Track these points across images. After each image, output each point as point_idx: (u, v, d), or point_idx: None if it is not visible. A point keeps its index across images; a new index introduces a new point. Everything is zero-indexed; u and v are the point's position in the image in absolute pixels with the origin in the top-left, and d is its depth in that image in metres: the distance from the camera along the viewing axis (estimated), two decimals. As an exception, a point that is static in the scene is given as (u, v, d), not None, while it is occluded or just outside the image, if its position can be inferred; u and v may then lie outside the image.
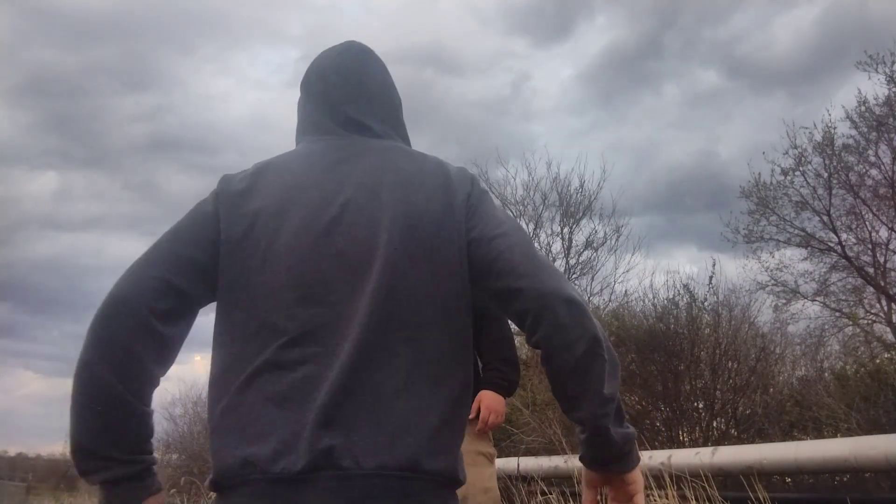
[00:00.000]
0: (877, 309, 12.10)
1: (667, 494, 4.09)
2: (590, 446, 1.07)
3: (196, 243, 1.09)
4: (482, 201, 1.15)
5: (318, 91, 1.28)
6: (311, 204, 1.10)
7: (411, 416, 0.99)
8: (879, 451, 3.89)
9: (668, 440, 7.02)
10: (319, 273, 1.05)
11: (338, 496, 0.92)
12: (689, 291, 7.92)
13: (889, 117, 10.88)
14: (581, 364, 1.01)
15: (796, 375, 8.54)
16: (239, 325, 1.06)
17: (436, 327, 1.06)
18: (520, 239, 1.09)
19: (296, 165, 1.18)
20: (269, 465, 0.94)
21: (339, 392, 0.97)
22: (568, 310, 1.01)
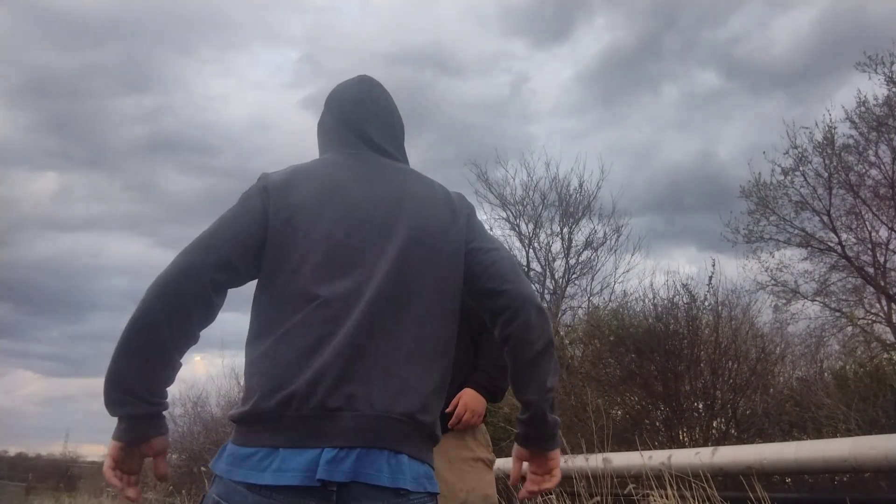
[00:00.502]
0: (877, 309, 12.11)
1: (667, 494, 4.09)
2: (529, 426, 1.37)
3: (249, 228, 1.32)
4: (477, 223, 1.47)
5: (342, 111, 1.54)
6: (345, 203, 1.36)
7: (414, 379, 1.26)
8: (879, 451, 3.89)
9: (668, 440, 7.02)
10: (348, 256, 1.31)
11: (353, 429, 1.17)
12: (688, 291, 7.92)
13: (889, 117, 10.88)
14: (537, 358, 1.32)
15: (796, 376, 8.54)
16: (279, 293, 1.29)
17: (437, 313, 1.33)
18: (508, 255, 1.44)
19: (330, 170, 1.44)
20: (301, 404, 1.18)
21: (354, 350, 1.22)
22: (538, 314, 1.32)
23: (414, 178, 1.47)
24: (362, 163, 1.45)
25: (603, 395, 7.45)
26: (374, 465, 1.17)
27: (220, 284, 1.28)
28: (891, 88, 10.78)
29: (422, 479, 1.24)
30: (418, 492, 1.22)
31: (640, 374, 7.60)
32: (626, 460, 5.28)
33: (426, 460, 1.28)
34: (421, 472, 1.24)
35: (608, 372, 8.20)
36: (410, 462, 1.22)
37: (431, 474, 1.29)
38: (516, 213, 15.90)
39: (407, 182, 1.45)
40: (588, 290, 15.29)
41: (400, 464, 1.20)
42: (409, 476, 1.20)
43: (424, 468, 1.26)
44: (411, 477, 1.21)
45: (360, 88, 1.56)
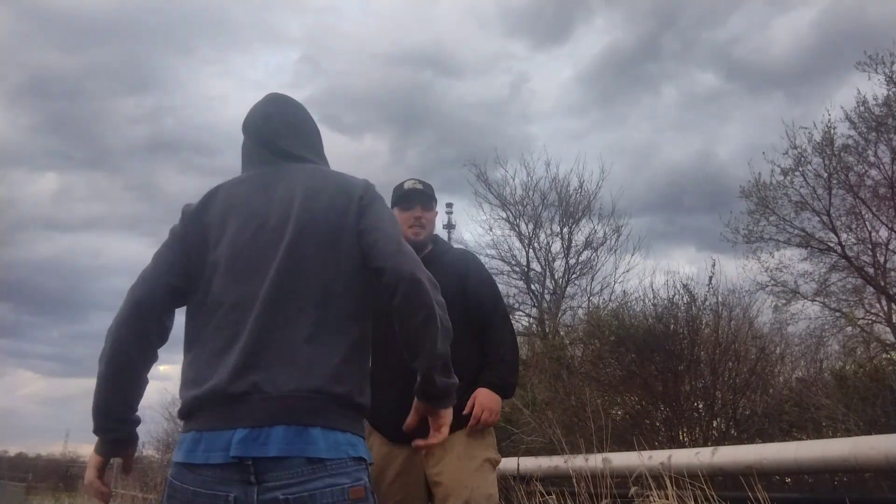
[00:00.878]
0: (877, 309, 12.11)
1: (666, 495, 4.09)
2: (420, 386, 1.46)
3: (178, 254, 1.55)
4: (372, 204, 1.56)
5: (254, 130, 1.69)
6: (245, 212, 1.54)
7: (319, 358, 1.39)
8: (879, 451, 3.89)
9: (667, 440, 7.02)
10: (249, 261, 1.48)
11: (262, 410, 1.33)
12: (688, 291, 7.92)
13: (888, 117, 10.88)
14: (421, 329, 1.41)
15: (796, 376, 8.54)
16: (197, 305, 1.51)
17: (339, 293, 1.46)
18: (390, 233, 1.51)
19: (236, 189, 1.61)
20: (214, 395, 1.36)
21: (255, 344, 1.39)
22: (415, 287, 1.42)
23: (310, 174, 1.60)
24: (267, 173, 1.61)
25: (603, 395, 7.45)
26: (284, 439, 1.30)
27: (168, 308, 1.53)
28: (890, 88, 10.79)
29: (342, 446, 1.35)
30: (337, 458, 1.33)
31: (640, 375, 7.59)
32: (625, 460, 5.28)
33: (347, 429, 1.38)
34: (340, 440, 1.36)
35: (608, 372, 8.20)
36: (324, 432, 1.34)
37: (356, 441, 1.40)
38: (516, 213, 15.91)
39: (303, 179, 1.58)
40: (588, 291, 15.31)
41: (310, 435, 1.32)
42: (323, 445, 1.32)
43: (345, 436, 1.37)
44: (326, 446, 1.33)
45: (267, 107, 1.72)
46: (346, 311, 1.47)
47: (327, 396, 1.36)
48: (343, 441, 1.36)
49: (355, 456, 1.37)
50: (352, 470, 1.35)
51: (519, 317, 15.79)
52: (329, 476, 1.31)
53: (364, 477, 1.38)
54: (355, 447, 1.38)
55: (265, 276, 1.45)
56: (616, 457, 5.30)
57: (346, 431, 1.38)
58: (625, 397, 7.91)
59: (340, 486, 1.32)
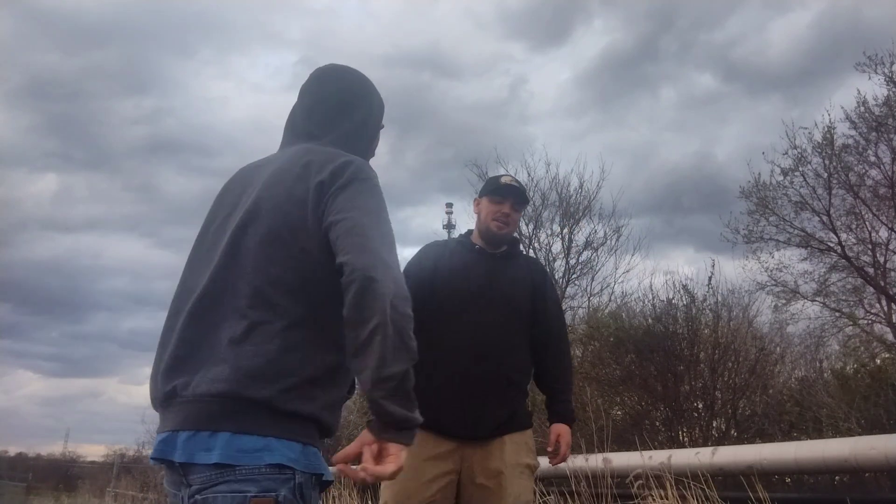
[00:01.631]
0: (877, 309, 12.11)
1: (666, 495, 4.09)
2: (371, 410, 1.21)
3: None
4: (346, 188, 1.33)
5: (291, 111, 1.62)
6: (219, 204, 1.48)
7: (244, 360, 1.26)
8: (879, 451, 3.88)
9: (667, 440, 7.02)
10: (204, 251, 1.42)
11: (179, 413, 1.28)
12: (688, 292, 7.92)
13: (888, 117, 10.88)
14: (366, 341, 1.17)
15: (796, 376, 8.54)
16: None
17: (284, 293, 1.30)
18: (361, 221, 1.28)
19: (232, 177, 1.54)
20: (153, 396, 1.36)
21: (181, 345, 1.32)
22: (369, 288, 1.18)
23: (292, 155, 1.43)
24: (262, 159, 1.53)
25: (603, 396, 7.44)
26: (195, 444, 1.24)
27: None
28: (890, 88, 10.78)
29: (255, 452, 1.23)
30: (248, 465, 1.22)
31: (640, 375, 7.60)
32: (625, 460, 5.28)
33: (261, 433, 1.24)
34: (249, 446, 1.23)
35: (608, 372, 8.20)
36: (233, 438, 1.22)
37: (272, 445, 1.24)
38: (516, 213, 15.87)
39: (279, 161, 1.43)
40: (588, 291, 15.30)
41: (218, 441, 1.23)
42: (233, 451, 1.22)
43: (256, 440, 1.23)
44: (235, 451, 1.22)
45: (306, 84, 1.61)
46: (294, 314, 1.29)
47: (241, 401, 1.24)
48: (253, 446, 1.23)
49: (272, 463, 1.23)
50: (263, 478, 1.22)
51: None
52: (235, 482, 1.21)
53: (280, 488, 1.22)
54: (272, 453, 1.23)
55: (208, 269, 1.36)
56: (616, 457, 5.30)
57: (266, 437, 1.24)
58: (624, 397, 7.91)
59: (243, 493, 1.20)
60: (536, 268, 2.73)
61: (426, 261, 2.57)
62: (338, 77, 1.61)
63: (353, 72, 1.63)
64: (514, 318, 2.45)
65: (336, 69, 1.63)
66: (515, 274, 2.56)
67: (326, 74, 1.61)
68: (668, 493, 4.05)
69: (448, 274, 2.49)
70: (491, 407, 2.33)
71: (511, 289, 2.50)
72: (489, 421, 2.33)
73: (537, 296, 2.56)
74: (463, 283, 2.46)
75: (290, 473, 1.25)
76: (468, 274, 2.49)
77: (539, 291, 2.58)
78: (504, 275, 2.53)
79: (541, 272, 2.70)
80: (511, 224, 2.58)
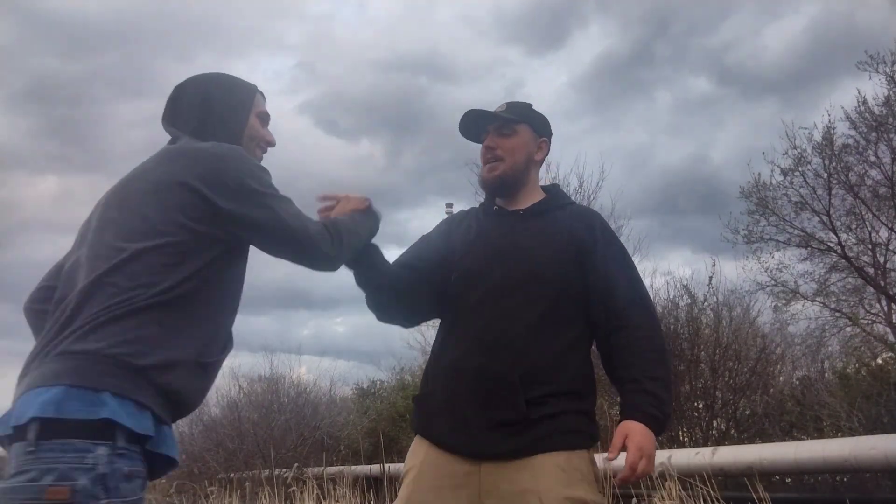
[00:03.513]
0: (877, 309, 12.10)
1: (670, 494, 4.08)
2: None
3: None
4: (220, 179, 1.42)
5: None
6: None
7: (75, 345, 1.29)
8: (879, 451, 3.88)
9: (668, 440, 7.02)
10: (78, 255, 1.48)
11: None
12: (689, 292, 7.93)
13: (889, 117, 10.87)
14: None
15: (797, 375, 8.53)
16: None
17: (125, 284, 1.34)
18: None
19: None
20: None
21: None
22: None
23: (156, 158, 1.54)
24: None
25: (603, 395, 7.44)
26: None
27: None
28: (891, 88, 10.78)
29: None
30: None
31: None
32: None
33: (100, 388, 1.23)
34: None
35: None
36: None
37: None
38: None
39: (142, 166, 1.53)
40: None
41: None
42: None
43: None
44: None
45: (171, 92, 1.67)
46: (128, 299, 1.33)
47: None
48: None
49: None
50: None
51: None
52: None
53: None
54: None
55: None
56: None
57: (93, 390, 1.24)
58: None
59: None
60: (580, 218, 1.87)
61: (435, 234, 1.98)
62: (190, 86, 1.67)
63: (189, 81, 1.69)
64: (540, 296, 1.73)
65: (186, 82, 1.68)
66: (546, 234, 1.81)
67: (185, 84, 1.68)
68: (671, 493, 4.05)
69: (461, 247, 1.87)
70: (504, 416, 1.65)
71: (535, 256, 1.77)
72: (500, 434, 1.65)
73: (582, 257, 1.77)
74: (471, 256, 1.83)
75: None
76: (480, 244, 1.85)
77: (584, 250, 1.78)
78: (528, 238, 1.81)
79: (586, 221, 1.86)
80: (506, 158, 1.86)
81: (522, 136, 1.89)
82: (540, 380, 1.67)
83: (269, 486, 7.53)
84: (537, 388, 1.67)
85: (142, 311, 1.31)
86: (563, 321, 1.74)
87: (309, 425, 11.78)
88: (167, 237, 1.37)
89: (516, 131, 1.88)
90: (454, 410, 1.69)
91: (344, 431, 12.10)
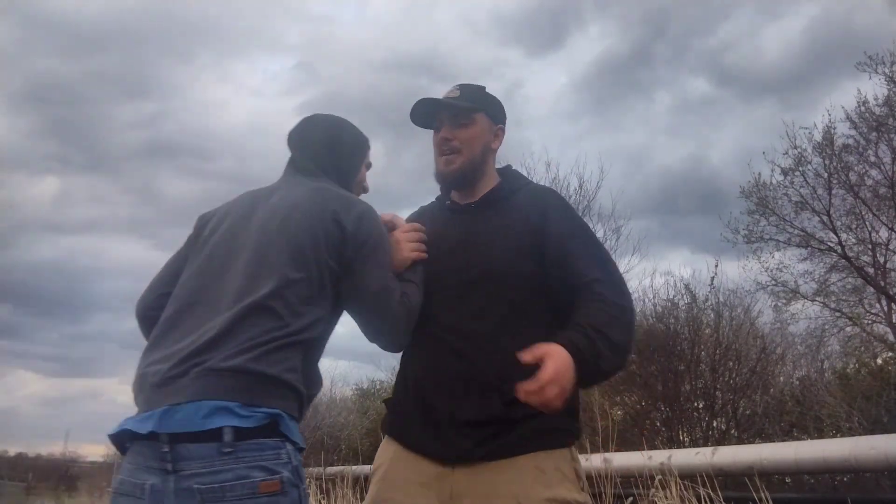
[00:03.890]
0: (877, 309, 12.11)
1: (666, 494, 4.08)
2: None
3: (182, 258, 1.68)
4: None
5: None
6: (227, 221, 1.60)
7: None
8: (879, 451, 3.89)
9: (668, 440, 7.02)
10: (213, 263, 1.57)
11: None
12: (689, 292, 7.93)
13: (889, 117, 10.87)
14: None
15: (797, 375, 8.53)
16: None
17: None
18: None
19: (240, 196, 1.69)
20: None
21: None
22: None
23: (288, 190, 1.62)
24: (267, 188, 1.67)
25: (603, 396, 7.44)
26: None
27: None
28: (891, 88, 10.78)
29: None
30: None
31: (641, 374, 7.60)
32: (626, 460, 5.28)
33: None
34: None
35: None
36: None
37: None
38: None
39: (277, 195, 1.61)
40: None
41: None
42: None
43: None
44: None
45: (293, 128, 1.78)
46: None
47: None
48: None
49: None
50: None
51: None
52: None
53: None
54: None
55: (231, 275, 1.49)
56: (616, 457, 5.30)
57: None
58: (625, 397, 7.91)
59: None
60: (534, 202, 1.74)
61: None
62: (314, 126, 1.78)
63: (314, 119, 1.80)
64: (503, 293, 1.63)
65: (311, 119, 1.80)
66: (502, 226, 1.70)
67: (310, 122, 1.79)
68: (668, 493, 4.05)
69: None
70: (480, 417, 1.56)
71: (493, 251, 1.67)
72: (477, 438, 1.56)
73: (539, 242, 1.66)
74: (429, 259, 1.72)
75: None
76: (435, 245, 1.73)
77: (539, 233, 1.67)
78: (483, 233, 1.71)
79: (539, 205, 1.73)
80: (463, 150, 1.74)
81: (480, 125, 1.77)
82: (516, 378, 1.45)
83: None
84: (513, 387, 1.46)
85: (299, 344, 1.42)
86: (533, 315, 1.64)
87: (309, 425, 11.79)
88: (310, 272, 1.46)
89: (474, 120, 1.76)
90: (427, 416, 1.61)
91: (344, 431, 12.11)
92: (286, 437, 1.32)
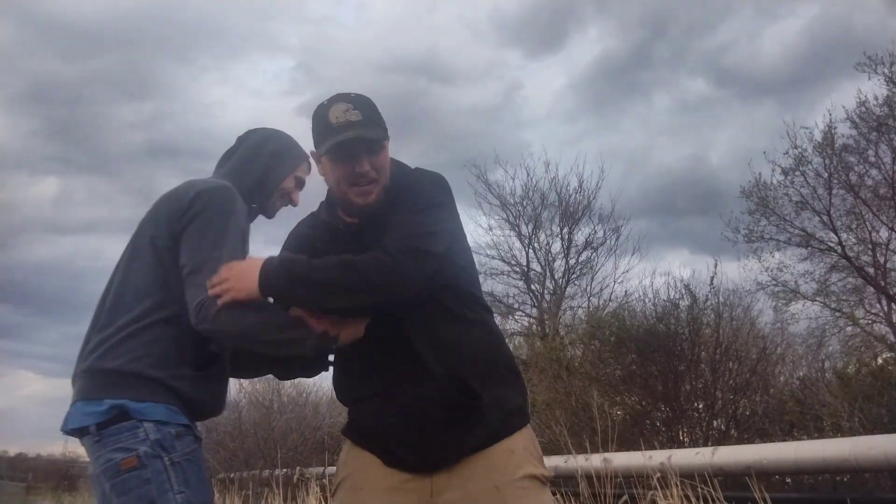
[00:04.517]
0: (877, 309, 12.11)
1: (667, 494, 4.09)
2: None
3: None
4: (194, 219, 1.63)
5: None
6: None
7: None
8: (879, 451, 3.89)
9: (668, 440, 7.02)
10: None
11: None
12: (690, 292, 7.93)
13: (889, 118, 10.88)
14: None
15: (797, 375, 8.54)
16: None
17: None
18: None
19: None
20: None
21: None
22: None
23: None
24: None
25: (603, 396, 7.45)
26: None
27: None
28: (891, 88, 10.79)
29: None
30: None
31: (641, 375, 7.60)
32: (626, 460, 5.28)
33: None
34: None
35: (608, 372, 8.20)
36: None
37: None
38: (516, 213, 15.91)
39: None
40: (588, 291, 15.31)
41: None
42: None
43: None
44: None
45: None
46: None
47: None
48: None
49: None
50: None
51: (519, 317, 15.83)
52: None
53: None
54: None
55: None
56: (616, 457, 5.30)
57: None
58: (625, 397, 7.91)
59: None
60: (392, 200, 1.68)
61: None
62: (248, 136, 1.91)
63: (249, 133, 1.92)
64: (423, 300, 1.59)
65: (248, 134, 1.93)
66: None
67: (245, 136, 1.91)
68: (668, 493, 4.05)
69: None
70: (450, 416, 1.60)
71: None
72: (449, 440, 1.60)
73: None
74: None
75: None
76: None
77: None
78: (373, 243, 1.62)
79: (389, 202, 1.68)
80: (380, 178, 1.68)
81: (386, 148, 1.72)
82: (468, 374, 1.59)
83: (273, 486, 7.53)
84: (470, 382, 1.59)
85: (145, 329, 1.62)
86: (456, 311, 1.66)
87: (310, 425, 11.79)
88: (147, 255, 1.67)
89: (383, 146, 1.70)
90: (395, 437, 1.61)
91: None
92: (141, 418, 1.50)
